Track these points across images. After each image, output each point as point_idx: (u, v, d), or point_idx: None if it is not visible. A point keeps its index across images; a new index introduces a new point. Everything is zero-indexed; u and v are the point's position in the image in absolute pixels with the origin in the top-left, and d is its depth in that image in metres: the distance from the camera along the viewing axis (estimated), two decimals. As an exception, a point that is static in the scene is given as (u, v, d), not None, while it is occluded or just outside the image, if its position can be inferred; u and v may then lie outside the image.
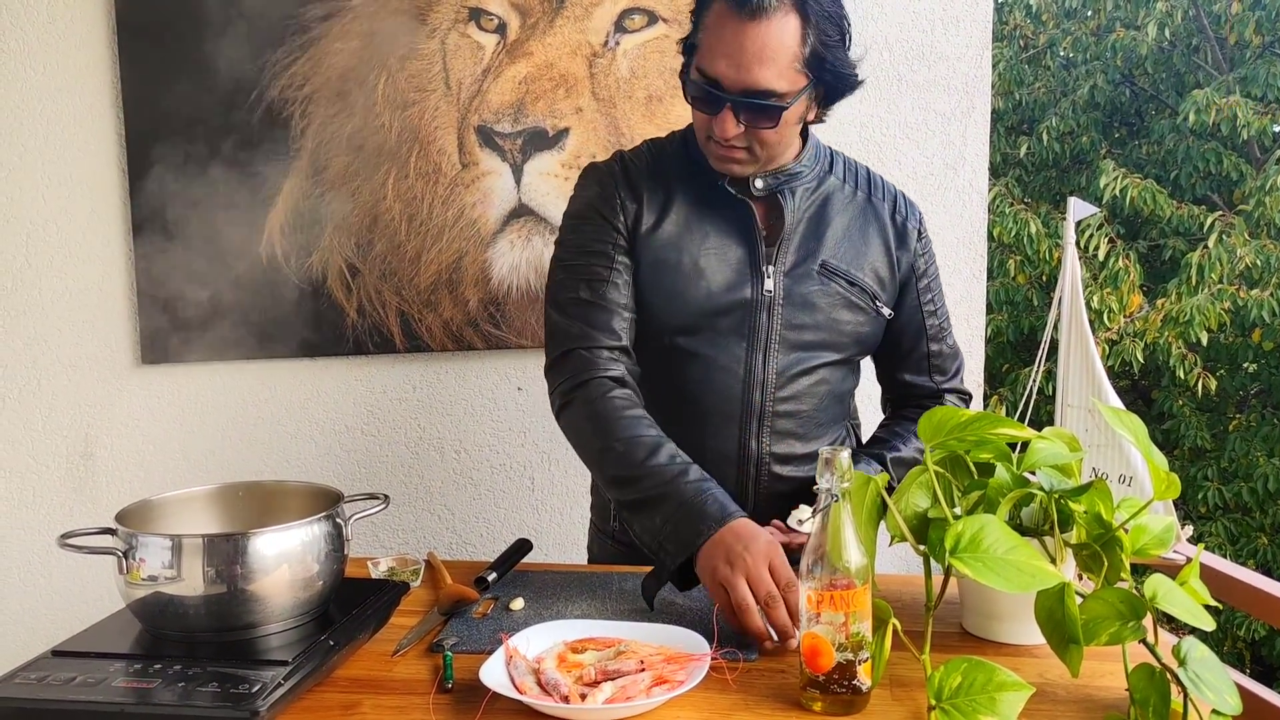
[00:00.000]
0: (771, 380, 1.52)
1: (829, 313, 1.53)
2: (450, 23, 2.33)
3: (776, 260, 1.52)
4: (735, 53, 1.37)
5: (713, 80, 1.40)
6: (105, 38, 2.36)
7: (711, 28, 1.40)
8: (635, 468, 1.38)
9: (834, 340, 1.55)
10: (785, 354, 1.53)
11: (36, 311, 2.43)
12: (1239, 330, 5.81)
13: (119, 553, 1.17)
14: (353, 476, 2.48)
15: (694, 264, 1.51)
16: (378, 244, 2.39)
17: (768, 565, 1.23)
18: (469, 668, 1.14)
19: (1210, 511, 5.77)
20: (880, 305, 1.57)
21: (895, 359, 1.66)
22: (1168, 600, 1.02)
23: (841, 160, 1.62)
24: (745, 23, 1.36)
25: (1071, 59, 7.04)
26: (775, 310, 1.52)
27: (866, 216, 1.58)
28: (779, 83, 1.39)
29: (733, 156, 1.46)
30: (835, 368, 1.57)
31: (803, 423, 1.56)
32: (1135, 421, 1.14)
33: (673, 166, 1.56)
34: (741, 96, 1.39)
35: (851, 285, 1.54)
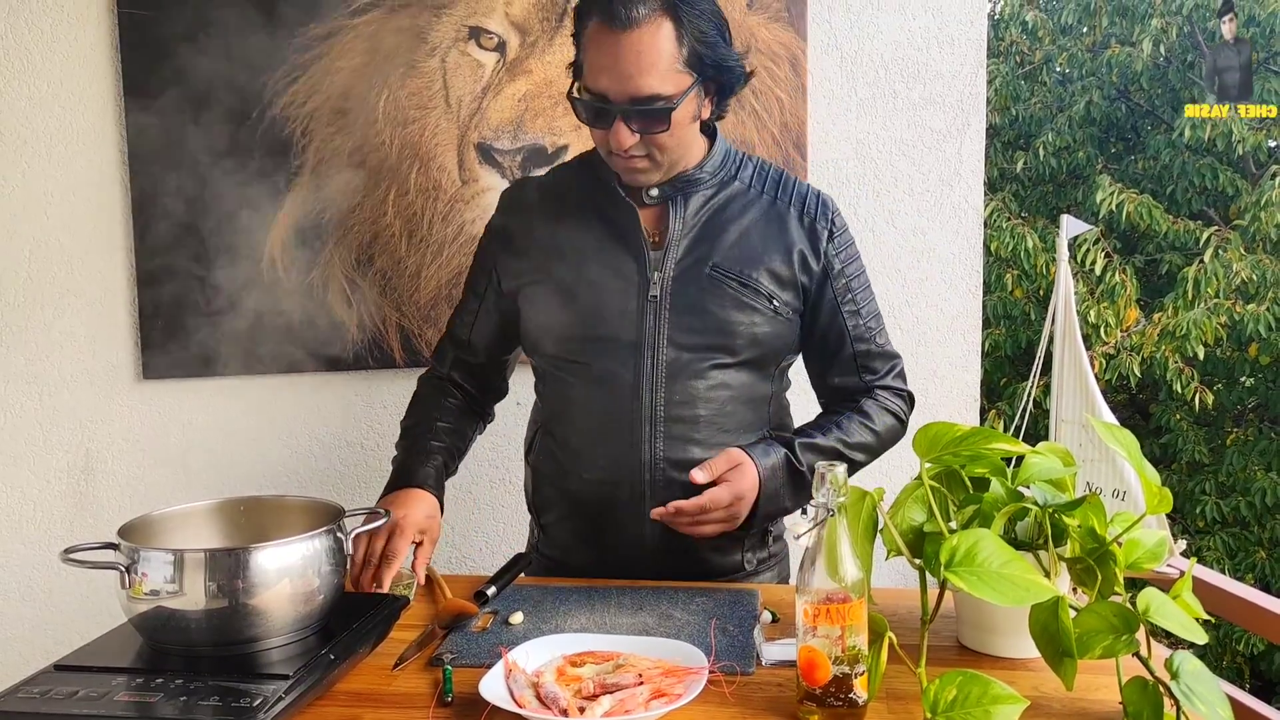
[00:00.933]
0: (661, 384, 1.52)
1: (718, 314, 1.52)
2: (450, 41, 2.35)
3: (664, 265, 1.53)
4: (615, 65, 1.41)
5: (600, 95, 1.44)
6: (108, 54, 2.38)
7: (590, 46, 1.44)
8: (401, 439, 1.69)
9: (726, 342, 1.53)
10: (674, 358, 1.52)
11: (38, 327, 2.44)
12: (1235, 344, 5.82)
13: (121, 567, 1.18)
14: (353, 491, 2.49)
15: (585, 278, 1.54)
16: (378, 260, 2.40)
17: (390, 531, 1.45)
18: (468, 681, 1.14)
19: (1208, 526, 5.77)
20: (777, 305, 1.55)
21: (823, 363, 1.64)
22: (1160, 614, 1.03)
23: (754, 166, 1.62)
24: (619, 35, 1.40)
25: (1067, 75, 7.08)
26: (662, 315, 1.52)
27: (769, 218, 1.57)
28: (663, 86, 1.42)
29: (635, 166, 1.50)
30: (735, 370, 1.55)
31: (700, 428, 1.53)
32: (1128, 436, 1.15)
33: (571, 185, 1.62)
34: (629, 105, 1.43)
35: (744, 286, 1.53)
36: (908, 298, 2.46)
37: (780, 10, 2.35)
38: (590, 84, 1.45)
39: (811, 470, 1.42)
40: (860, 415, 1.58)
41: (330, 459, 2.50)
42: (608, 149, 1.49)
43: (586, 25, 1.45)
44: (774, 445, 1.51)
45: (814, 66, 2.39)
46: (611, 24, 1.40)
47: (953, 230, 2.45)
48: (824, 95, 2.41)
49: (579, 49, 1.48)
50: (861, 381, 1.62)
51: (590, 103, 1.46)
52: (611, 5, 1.40)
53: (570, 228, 1.57)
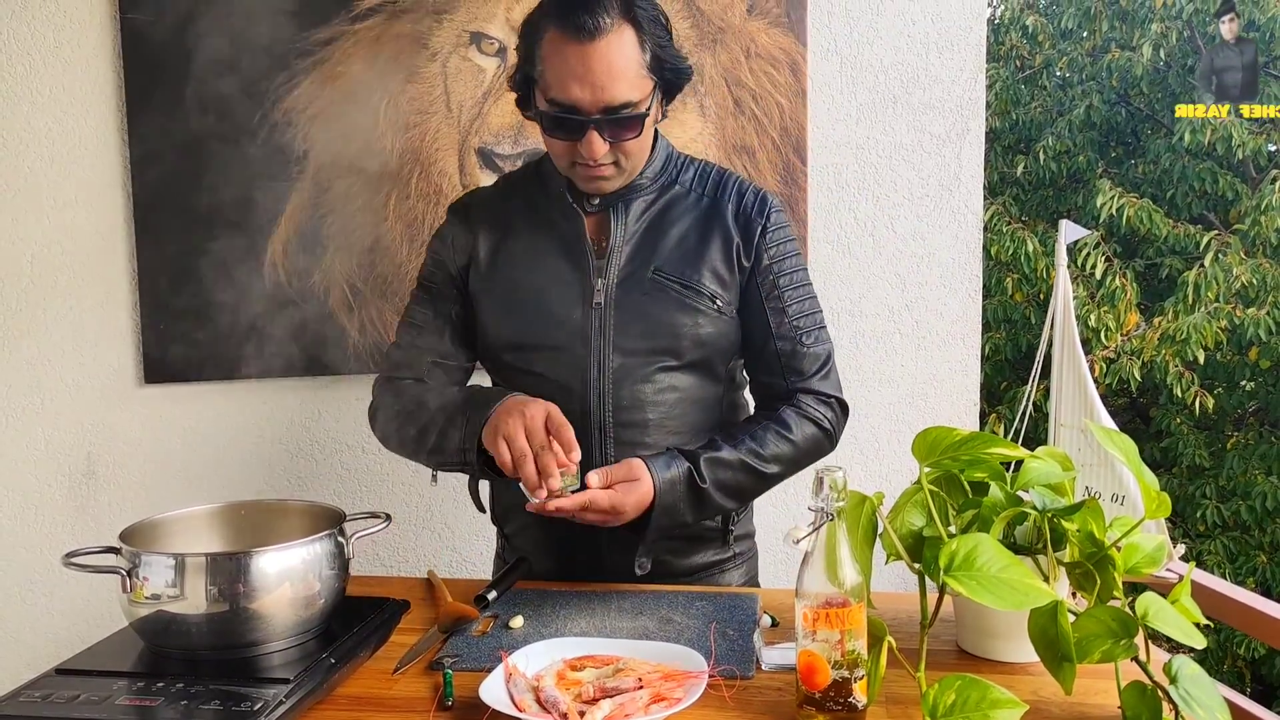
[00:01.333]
0: (608, 390, 1.52)
1: (661, 317, 1.52)
2: (451, 47, 2.36)
3: (607, 272, 1.53)
4: (585, 74, 1.40)
5: (569, 106, 1.42)
6: (110, 60, 2.39)
7: (551, 56, 1.42)
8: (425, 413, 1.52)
9: (670, 345, 1.53)
10: (619, 363, 1.52)
11: (40, 332, 2.45)
12: (1236, 349, 5.82)
13: (122, 571, 1.18)
14: (354, 495, 2.50)
15: (530, 288, 1.55)
16: (379, 264, 2.41)
17: (544, 418, 1.38)
18: (469, 685, 1.15)
19: (1209, 530, 5.76)
20: (720, 305, 1.54)
21: (750, 361, 1.63)
22: (1159, 618, 1.04)
23: (695, 169, 1.61)
24: (585, 45, 1.39)
25: (1067, 79, 7.08)
26: (607, 321, 1.52)
27: (709, 219, 1.57)
28: (633, 93, 1.43)
29: (603, 174, 1.49)
30: (681, 373, 1.55)
31: (649, 432, 1.53)
32: (1126, 441, 1.15)
33: (520, 194, 1.62)
34: (602, 115, 1.42)
35: (685, 288, 1.53)
36: (907, 302, 2.46)
37: (780, 15, 2.36)
38: (557, 95, 1.43)
39: (718, 484, 1.47)
40: (777, 424, 1.53)
41: (331, 463, 2.51)
42: (571, 160, 1.48)
43: (541, 37, 1.44)
44: (678, 458, 1.46)
45: (814, 71, 2.40)
46: (578, 35, 1.39)
47: (952, 235, 2.45)
48: (824, 100, 2.42)
49: (532, 61, 1.46)
50: (785, 382, 1.57)
51: (559, 114, 1.44)
52: (575, 16, 1.39)
53: (517, 237, 1.58)
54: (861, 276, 2.46)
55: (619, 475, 1.43)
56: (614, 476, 1.43)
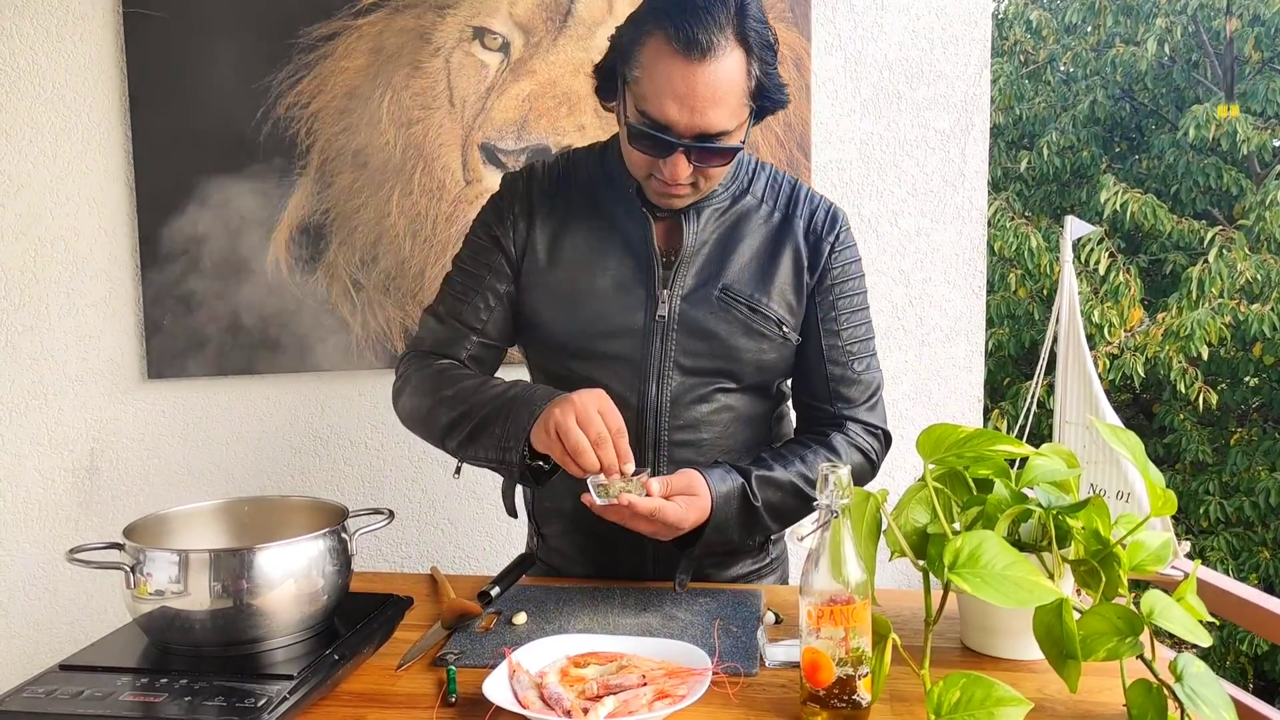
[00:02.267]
0: (665, 409, 1.47)
1: (726, 340, 1.46)
2: (455, 41, 2.35)
3: (673, 284, 1.46)
4: (686, 96, 1.30)
5: (661, 125, 1.33)
6: (113, 54, 2.38)
7: (651, 67, 1.32)
8: (464, 403, 1.41)
9: (731, 368, 1.48)
10: (679, 381, 1.46)
11: (43, 327, 2.45)
12: (1240, 345, 5.81)
13: (126, 567, 1.18)
14: (357, 491, 2.50)
15: (589, 288, 1.47)
16: (382, 260, 2.41)
17: (597, 409, 1.29)
18: (472, 682, 1.14)
19: (1212, 526, 5.76)
20: (787, 331, 1.49)
21: (798, 377, 1.57)
22: (1164, 616, 1.03)
23: (766, 177, 1.53)
24: (694, 65, 1.29)
25: (1072, 74, 7.08)
26: (669, 336, 1.46)
27: (780, 238, 1.50)
28: (730, 121, 1.34)
29: (678, 194, 1.42)
30: (738, 394, 1.51)
31: (704, 451, 1.49)
32: (1132, 438, 1.15)
33: (583, 182, 1.52)
34: (694, 141, 1.34)
35: (754, 312, 1.47)
36: (911, 298, 2.46)
37: (784, 11, 2.35)
38: (651, 110, 1.33)
39: (768, 505, 1.41)
40: (827, 450, 1.48)
41: (335, 459, 2.50)
42: (649, 173, 1.40)
43: (645, 40, 1.33)
44: (731, 473, 1.42)
45: (818, 67, 2.39)
46: (687, 52, 1.29)
47: (956, 230, 2.45)
48: (828, 96, 2.41)
49: (631, 63, 1.35)
50: (833, 409, 1.53)
51: (649, 131, 1.34)
52: (687, 29, 1.28)
53: (578, 230, 1.49)
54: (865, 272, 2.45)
55: (679, 487, 1.37)
56: (674, 487, 1.36)
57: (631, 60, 1.35)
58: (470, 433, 1.41)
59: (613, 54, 1.41)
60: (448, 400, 1.44)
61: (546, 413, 1.31)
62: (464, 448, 1.43)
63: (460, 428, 1.42)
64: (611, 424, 1.29)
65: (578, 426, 1.27)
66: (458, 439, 1.43)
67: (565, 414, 1.28)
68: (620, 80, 1.39)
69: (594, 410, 1.28)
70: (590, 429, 1.27)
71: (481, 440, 1.39)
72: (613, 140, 1.53)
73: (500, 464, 1.39)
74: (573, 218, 1.50)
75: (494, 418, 1.38)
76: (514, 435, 1.35)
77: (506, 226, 1.51)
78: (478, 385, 1.44)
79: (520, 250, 1.51)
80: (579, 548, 1.59)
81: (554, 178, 1.54)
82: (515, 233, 1.51)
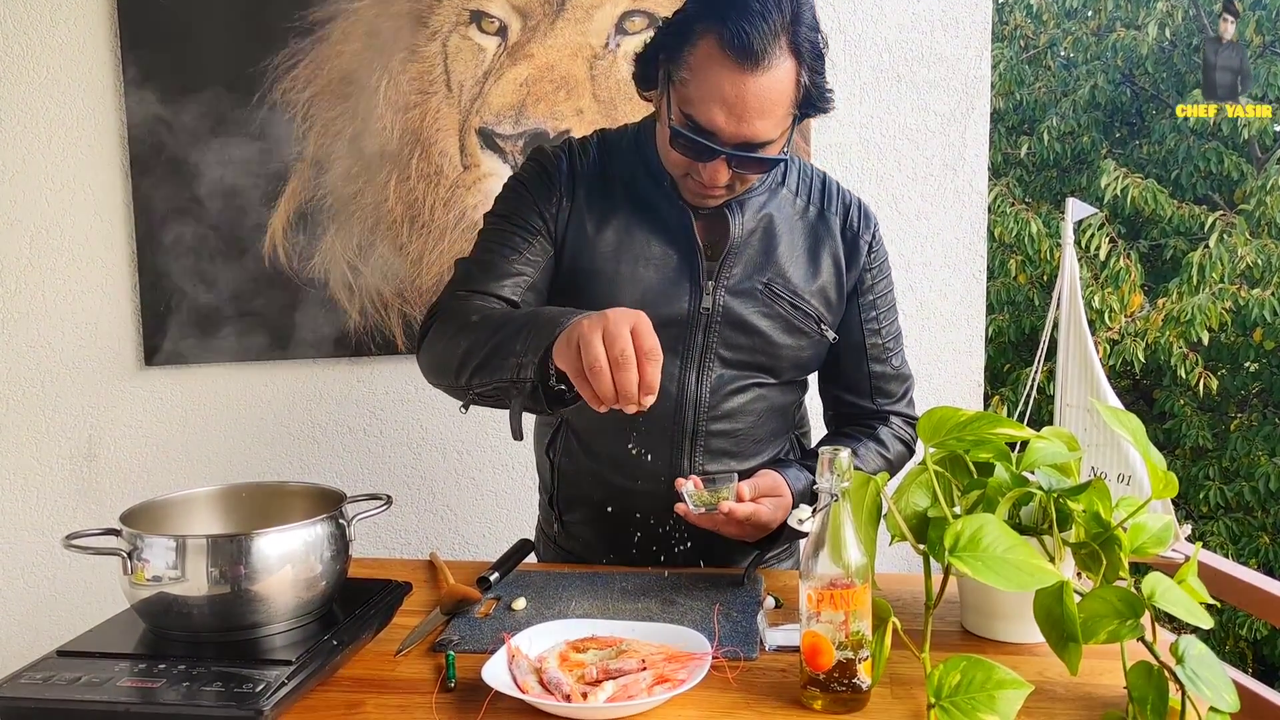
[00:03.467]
0: (705, 399, 1.47)
1: (768, 335, 1.47)
2: (451, 25, 2.34)
3: (719, 276, 1.45)
4: (734, 105, 1.28)
5: (706, 131, 1.31)
6: (107, 40, 2.37)
7: (701, 71, 1.29)
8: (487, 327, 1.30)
9: (770, 364, 1.49)
10: (719, 374, 1.47)
11: (40, 314, 2.44)
12: (1240, 330, 5.81)
13: (124, 553, 1.18)
14: (355, 477, 2.49)
15: (632, 274, 1.44)
16: (379, 246, 2.40)
17: (631, 327, 1.15)
18: (471, 667, 1.14)
19: (1212, 511, 5.77)
20: (825, 328, 1.50)
21: (836, 377, 1.58)
22: (1165, 599, 1.03)
23: (797, 170, 1.53)
24: (746, 74, 1.26)
25: (1072, 59, 7.05)
26: (713, 328, 1.45)
27: (818, 234, 1.50)
28: (774, 131, 1.32)
29: (714, 195, 1.41)
30: (774, 388, 1.52)
31: (739, 441, 1.51)
32: (1133, 421, 1.14)
33: (621, 167, 1.49)
34: (737, 149, 1.32)
35: (795, 309, 1.47)
36: (911, 283, 2.45)
37: (783, -7, 2.33)
38: (697, 115, 1.30)
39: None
40: (875, 443, 1.53)
41: (332, 444, 2.50)
42: (685, 172, 1.38)
43: (695, 40, 1.29)
44: (802, 470, 1.46)
45: (817, 50, 2.38)
46: (740, 60, 1.25)
47: (956, 215, 2.44)
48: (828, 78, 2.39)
49: (675, 60, 1.32)
50: (873, 404, 1.56)
51: (692, 136, 1.31)
52: (742, 34, 1.25)
53: (620, 216, 1.46)
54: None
55: (765, 488, 1.39)
56: (760, 490, 1.39)
57: (679, 60, 1.31)
58: (488, 353, 1.28)
59: (657, 47, 1.37)
60: (471, 326, 1.33)
61: (574, 325, 1.19)
62: (479, 373, 1.30)
63: (478, 350, 1.30)
64: (643, 344, 1.15)
65: (600, 342, 1.14)
66: (474, 363, 1.30)
67: (593, 327, 1.15)
68: (664, 76, 1.36)
69: (625, 326, 1.15)
70: (614, 345, 1.13)
71: (496, 360, 1.27)
72: (645, 125, 1.50)
73: (514, 382, 1.26)
74: (615, 205, 1.46)
75: (516, 334, 1.26)
76: (533, 349, 1.23)
77: (551, 200, 1.46)
78: (507, 310, 1.35)
79: (563, 228, 1.46)
80: (602, 536, 1.58)
81: (594, 161, 1.50)
82: (559, 208, 1.46)
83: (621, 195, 1.47)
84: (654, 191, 1.46)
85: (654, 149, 1.46)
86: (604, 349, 1.14)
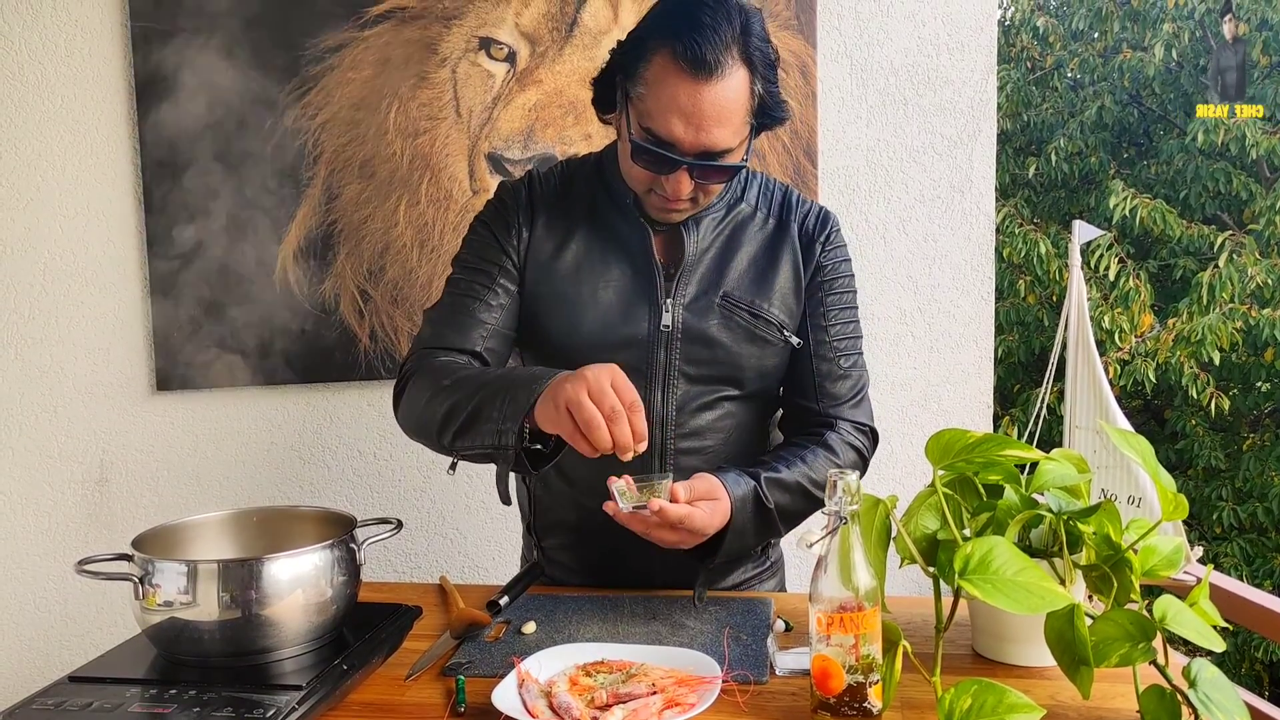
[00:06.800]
0: (671, 417, 1.47)
1: (730, 347, 1.47)
2: (461, 52, 2.36)
3: (676, 293, 1.46)
4: (692, 114, 1.31)
5: (666, 143, 1.33)
6: (121, 68, 2.40)
7: (656, 84, 1.32)
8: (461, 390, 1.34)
9: (735, 375, 1.49)
10: (684, 390, 1.47)
11: (53, 339, 2.46)
12: (1251, 350, 5.79)
13: (135, 578, 1.18)
14: (365, 501, 2.50)
15: (592, 297, 1.46)
16: (390, 270, 2.41)
17: (610, 382, 1.20)
18: (481, 691, 1.14)
19: (1225, 532, 5.73)
20: (788, 334, 1.50)
21: (787, 376, 1.56)
22: (1177, 621, 1.02)
23: (758, 185, 1.54)
24: (700, 84, 1.30)
25: (1079, 80, 7.07)
26: (674, 345, 1.46)
27: (777, 243, 1.51)
28: (733, 140, 1.35)
29: (678, 209, 1.43)
30: (741, 401, 1.51)
31: (709, 459, 1.49)
32: (1142, 443, 1.14)
33: (581, 192, 1.52)
34: (698, 159, 1.35)
35: (755, 317, 1.48)
36: (920, 304, 2.45)
37: (790, 18, 2.35)
38: (656, 128, 1.33)
39: (778, 507, 1.39)
40: (825, 450, 1.47)
41: (343, 469, 2.51)
42: (649, 188, 1.41)
43: (650, 57, 1.33)
44: (744, 476, 1.40)
45: (824, 74, 2.39)
46: (694, 72, 1.29)
47: (964, 236, 2.44)
48: (834, 102, 2.41)
49: (632, 78, 1.35)
50: (818, 406, 1.51)
51: (652, 148, 1.34)
52: (696, 48, 1.28)
53: (580, 239, 1.49)
54: (873, 279, 2.45)
55: (701, 491, 1.34)
56: (696, 492, 1.33)
57: (635, 77, 1.35)
58: (467, 419, 1.32)
59: (613, 68, 1.41)
60: (445, 390, 1.36)
61: (554, 387, 1.23)
62: (460, 437, 1.34)
63: (456, 415, 1.34)
64: (625, 398, 1.21)
65: (590, 400, 1.19)
66: (454, 428, 1.34)
67: (577, 388, 1.20)
68: (622, 95, 1.39)
69: (607, 383, 1.20)
70: (604, 402, 1.19)
71: (478, 426, 1.31)
72: (608, 151, 1.54)
73: (496, 448, 1.30)
74: (574, 229, 1.50)
75: (491, 399, 1.30)
76: (511, 416, 1.27)
77: (511, 233, 1.50)
78: (479, 372, 1.39)
79: (523, 257, 1.50)
80: (581, 561, 1.58)
81: (554, 187, 1.53)
82: (519, 239, 1.50)
83: (581, 218, 1.50)
84: (613, 213, 1.49)
85: (615, 171, 1.49)
86: (595, 406, 1.19)
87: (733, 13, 1.32)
